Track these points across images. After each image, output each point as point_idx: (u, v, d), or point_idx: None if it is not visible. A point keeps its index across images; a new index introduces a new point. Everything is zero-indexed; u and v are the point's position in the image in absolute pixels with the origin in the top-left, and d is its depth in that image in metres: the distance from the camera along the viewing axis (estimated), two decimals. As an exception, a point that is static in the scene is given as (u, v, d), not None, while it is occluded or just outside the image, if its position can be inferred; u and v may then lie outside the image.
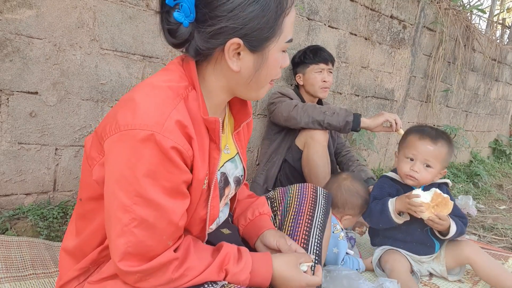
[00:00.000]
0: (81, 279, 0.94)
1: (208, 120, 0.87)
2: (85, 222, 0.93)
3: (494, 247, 2.21)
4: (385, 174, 1.72)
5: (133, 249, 0.78)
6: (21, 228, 1.53)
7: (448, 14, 3.57)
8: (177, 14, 0.79)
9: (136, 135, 0.75)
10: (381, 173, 3.44)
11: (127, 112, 0.78)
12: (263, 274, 0.92)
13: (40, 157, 1.60)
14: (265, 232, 1.09)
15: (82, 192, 0.93)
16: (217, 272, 0.87)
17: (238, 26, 0.80)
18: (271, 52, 0.86)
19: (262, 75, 0.89)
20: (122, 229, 0.78)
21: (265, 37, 0.83)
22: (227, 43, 0.81)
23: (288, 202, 1.24)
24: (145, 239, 0.79)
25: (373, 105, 3.23)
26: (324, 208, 1.22)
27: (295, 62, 2.26)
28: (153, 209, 0.78)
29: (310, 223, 1.15)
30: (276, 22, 0.83)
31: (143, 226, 0.78)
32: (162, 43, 1.83)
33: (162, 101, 0.79)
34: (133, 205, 0.77)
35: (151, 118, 0.76)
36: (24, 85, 1.50)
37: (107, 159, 0.80)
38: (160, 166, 0.76)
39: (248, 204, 1.18)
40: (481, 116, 5.03)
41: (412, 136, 1.57)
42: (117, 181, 0.78)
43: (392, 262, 1.56)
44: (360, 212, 1.67)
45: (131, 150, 0.76)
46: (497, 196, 3.57)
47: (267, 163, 2.16)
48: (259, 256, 0.96)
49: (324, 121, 1.91)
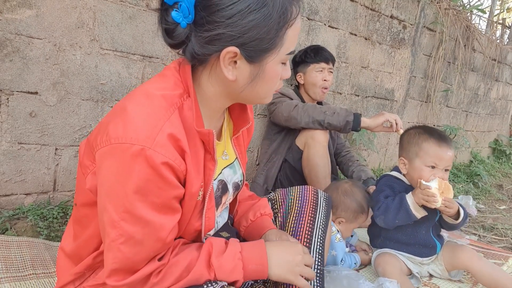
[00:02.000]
0: (76, 283, 0.93)
1: (202, 133, 0.84)
2: (81, 227, 0.92)
3: (494, 247, 2.21)
4: (388, 173, 1.68)
5: (119, 265, 0.77)
6: (21, 228, 1.53)
7: (448, 14, 3.57)
8: (175, 13, 0.76)
9: (126, 149, 0.72)
10: (381, 173, 3.43)
11: (118, 124, 0.75)
12: (256, 259, 0.89)
13: (40, 157, 1.60)
14: (267, 232, 1.08)
15: (77, 197, 0.92)
16: (205, 266, 0.84)
17: (236, 34, 0.76)
18: (269, 65, 0.82)
19: (259, 86, 0.84)
20: (110, 244, 0.77)
21: (264, 48, 0.79)
22: (223, 51, 0.77)
23: (290, 204, 1.23)
24: (131, 255, 0.77)
25: (373, 105, 3.23)
26: (325, 210, 1.22)
27: (296, 61, 2.26)
28: (141, 226, 0.76)
29: (312, 224, 1.15)
30: (277, 33, 0.78)
31: (130, 243, 0.76)
32: (162, 43, 1.81)
33: (155, 112, 0.76)
34: (121, 221, 0.75)
35: (142, 132, 0.73)
36: (24, 85, 1.50)
37: (98, 170, 0.79)
38: (149, 182, 0.74)
39: (249, 206, 1.18)
40: (481, 116, 5.03)
41: (427, 143, 1.51)
42: (107, 195, 0.76)
43: (384, 265, 1.55)
44: (354, 218, 1.62)
45: (120, 164, 0.74)
46: (497, 196, 3.57)
47: (267, 163, 2.16)
48: (251, 243, 0.94)
49: (324, 121, 1.91)
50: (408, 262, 1.61)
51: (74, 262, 0.93)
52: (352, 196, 1.62)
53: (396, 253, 1.62)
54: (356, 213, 1.62)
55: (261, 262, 0.89)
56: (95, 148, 0.79)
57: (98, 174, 0.79)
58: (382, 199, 1.56)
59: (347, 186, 1.66)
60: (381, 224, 1.56)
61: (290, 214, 1.20)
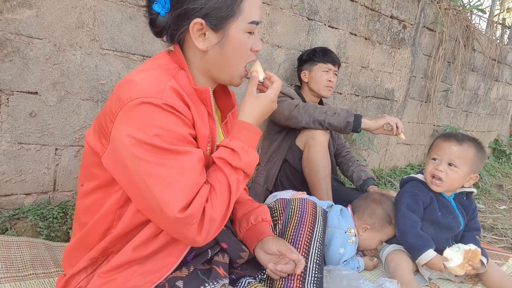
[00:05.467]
0: (89, 270, 0.95)
1: (199, 90, 0.95)
2: (90, 215, 0.95)
3: (494, 247, 2.21)
4: (413, 176, 1.67)
5: (183, 194, 0.82)
6: (21, 228, 1.53)
7: (448, 14, 3.57)
8: (155, 5, 0.92)
9: (140, 103, 0.82)
10: (381, 173, 3.44)
11: (127, 89, 0.84)
12: (251, 136, 0.97)
13: (40, 157, 1.60)
14: (265, 238, 1.10)
15: (87, 184, 0.96)
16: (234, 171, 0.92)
17: (198, 7, 0.90)
18: (232, 31, 0.93)
19: (229, 54, 0.96)
20: (165, 180, 0.81)
21: (224, 15, 0.91)
22: (191, 24, 0.91)
23: (290, 213, 1.27)
24: (185, 181, 0.83)
25: (373, 105, 3.23)
26: (322, 225, 1.26)
27: (303, 59, 2.27)
28: (182, 154, 0.84)
29: (310, 235, 1.19)
30: (234, 2, 0.91)
31: (181, 170, 0.83)
32: (162, 43, 1.81)
33: (157, 76, 0.88)
34: (163, 159, 0.82)
35: (152, 88, 0.84)
36: (24, 85, 1.50)
37: (119, 134, 0.83)
38: (166, 121, 0.83)
39: (250, 208, 1.20)
40: (481, 116, 5.03)
41: (438, 139, 1.58)
42: (138, 149, 0.81)
43: (397, 262, 1.55)
44: (380, 227, 1.61)
45: (138, 115, 0.82)
46: (497, 196, 3.57)
47: (268, 163, 2.16)
48: (237, 130, 0.98)
49: (325, 121, 1.91)
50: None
51: (84, 250, 0.96)
52: (380, 205, 1.62)
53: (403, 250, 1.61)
54: (383, 222, 1.61)
55: (254, 133, 0.99)
56: (112, 118, 0.85)
57: (119, 138, 0.83)
58: (403, 209, 1.57)
59: (377, 196, 1.68)
60: (397, 234, 1.59)
61: (290, 223, 1.23)
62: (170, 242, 0.92)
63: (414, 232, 1.51)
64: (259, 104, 1.00)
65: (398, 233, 1.57)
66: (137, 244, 0.90)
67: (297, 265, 1.02)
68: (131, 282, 0.89)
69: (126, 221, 0.91)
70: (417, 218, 1.54)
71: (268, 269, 1.05)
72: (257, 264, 1.11)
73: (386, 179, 3.33)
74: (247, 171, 0.94)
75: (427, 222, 1.58)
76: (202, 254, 1.02)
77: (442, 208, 1.58)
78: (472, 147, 1.51)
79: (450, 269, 1.47)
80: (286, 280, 1.04)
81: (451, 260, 1.46)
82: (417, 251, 1.49)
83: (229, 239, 1.08)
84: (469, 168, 1.52)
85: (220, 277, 0.97)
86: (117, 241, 0.92)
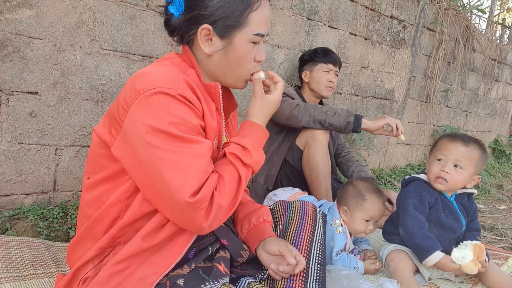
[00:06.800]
0: (96, 261, 0.96)
1: (208, 85, 1.01)
2: (96, 208, 0.97)
3: (494, 247, 2.21)
4: (417, 177, 1.65)
5: (195, 179, 0.85)
6: (21, 228, 1.53)
7: (448, 14, 3.58)
8: (171, 7, 1.00)
9: (156, 91, 0.86)
10: (381, 173, 3.44)
11: (141, 80, 0.89)
12: (260, 135, 1.06)
13: (40, 157, 1.60)
14: (267, 238, 1.11)
15: (95, 177, 0.99)
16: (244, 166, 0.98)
17: (207, 14, 0.96)
18: (237, 39, 0.99)
19: (232, 60, 1.01)
20: (177, 166, 0.85)
21: (231, 25, 0.97)
22: (200, 28, 0.97)
23: (291, 215, 1.27)
24: (197, 167, 0.87)
25: (373, 105, 3.23)
26: (322, 227, 1.26)
27: (304, 59, 2.27)
28: (194, 143, 0.88)
29: (311, 236, 1.19)
30: (241, 13, 0.97)
31: (193, 157, 0.87)
32: (162, 43, 1.83)
33: (171, 70, 0.94)
34: (176, 147, 0.85)
35: (167, 79, 0.88)
36: (24, 85, 1.50)
37: (132, 122, 0.87)
38: (180, 111, 0.87)
39: (252, 209, 1.21)
40: (481, 116, 5.04)
41: (443, 139, 1.56)
42: (151, 136, 0.85)
43: (397, 262, 1.55)
44: (356, 205, 1.58)
45: (154, 103, 0.85)
46: (497, 196, 3.57)
47: (268, 163, 2.16)
48: (248, 130, 1.06)
49: (325, 120, 1.91)
50: (418, 262, 1.59)
51: (91, 240, 0.97)
52: (351, 184, 1.64)
53: (408, 251, 1.60)
54: (356, 199, 1.60)
55: (262, 134, 1.09)
56: (126, 108, 0.88)
57: (133, 128, 0.86)
58: (411, 209, 1.54)
59: (351, 179, 1.70)
60: (403, 234, 1.57)
61: (291, 225, 1.23)
62: (176, 232, 0.95)
63: (422, 233, 1.49)
64: (268, 106, 1.08)
65: (405, 234, 1.55)
66: (146, 233, 0.92)
67: (297, 264, 1.02)
68: (140, 273, 0.91)
69: (134, 210, 0.93)
70: (424, 219, 1.54)
71: (270, 269, 1.05)
72: (258, 264, 1.11)
73: (386, 179, 3.33)
74: (255, 168, 1.01)
75: (431, 222, 1.57)
76: (203, 251, 1.03)
77: (446, 209, 1.58)
78: (477, 148, 1.51)
79: (465, 267, 1.45)
80: (288, 280, 1.04)
81: (463, 257, 1.45)
82: (425, 252, 1.48)
83: (229, 236, 1.09)
84: (473, 170, 1.51)
85: (221, 275, 0.97)
86: (125, 229, 0.94)
